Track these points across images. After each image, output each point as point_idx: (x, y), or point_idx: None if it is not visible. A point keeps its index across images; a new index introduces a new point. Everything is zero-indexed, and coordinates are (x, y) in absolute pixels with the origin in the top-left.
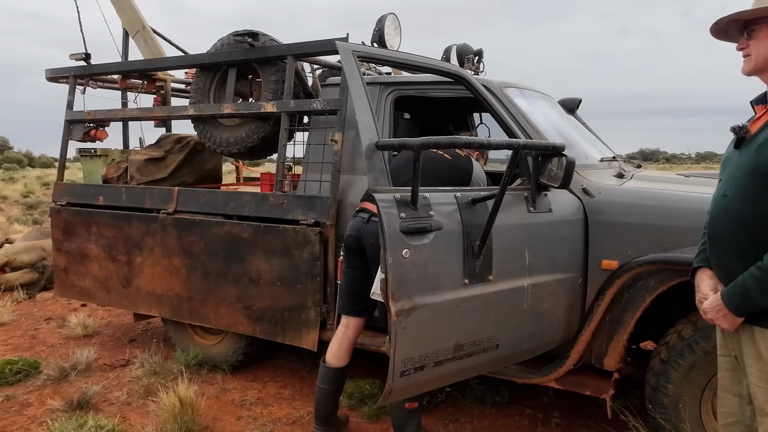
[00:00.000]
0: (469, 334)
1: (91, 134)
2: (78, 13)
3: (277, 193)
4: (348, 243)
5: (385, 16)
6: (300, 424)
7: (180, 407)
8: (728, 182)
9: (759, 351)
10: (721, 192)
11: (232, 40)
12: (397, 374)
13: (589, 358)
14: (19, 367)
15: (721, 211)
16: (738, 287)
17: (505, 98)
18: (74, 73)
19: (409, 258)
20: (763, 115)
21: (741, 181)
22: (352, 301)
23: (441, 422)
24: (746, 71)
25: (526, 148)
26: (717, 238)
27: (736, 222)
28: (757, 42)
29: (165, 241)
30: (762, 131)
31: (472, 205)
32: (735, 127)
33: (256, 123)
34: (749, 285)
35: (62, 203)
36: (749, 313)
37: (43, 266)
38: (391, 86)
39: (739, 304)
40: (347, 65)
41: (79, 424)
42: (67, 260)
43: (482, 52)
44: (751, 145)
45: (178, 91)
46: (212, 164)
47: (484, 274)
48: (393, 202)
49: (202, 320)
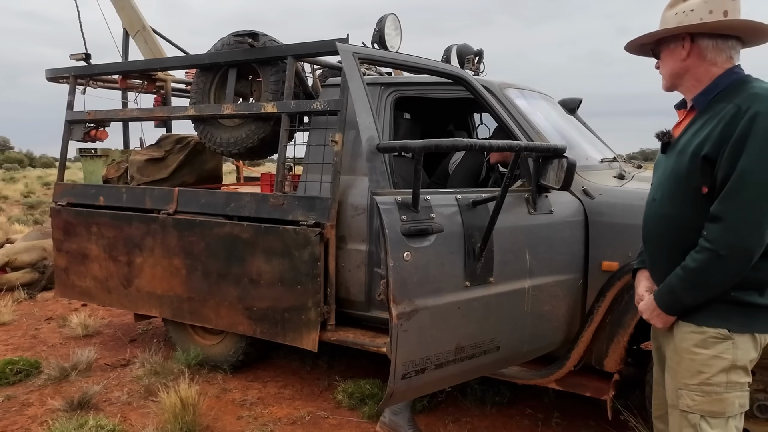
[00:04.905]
0: (470, 336)
1: (91, 134)
2: (78, 12)
3: (278, 193)
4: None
5: (386, 16)
6: (300, 424)
7: (181, 407)
8: (657, 186)
9: (675, 343)
10: (651, 196)
11: (232, 41)
12: (398, 377)
13: (589, 359)
14: (20, 366)
15: (651, 215)
16: (666, 287)
17: (505, 99)
18: (74, 73)
19: (410, 260)
20: (683, 119)
21: (666, 185)
22: None
23: (441, 422)
24: (663, 88)
25: (526, 150)
26: (649, 241)
27: (665, 225)
28: (664, 62)
29: (165, 242)
30: (682, 137)
31: (473, 207)
32: (659, 133)
33: (256, 123)
34: (675, 285)
35: (63, 203)
36: (678, 312)
37: (43, 266)
38: (392, 87)
39: (668, 303)
40: (348, 67)
41: (79, 424)
42: (68, 260)
43: (482, 53)
44: (674, 150)
45: (178, 91)
46: (212, 164)
47: (485, 276)
48: (394, 205)
49: (202, 321)
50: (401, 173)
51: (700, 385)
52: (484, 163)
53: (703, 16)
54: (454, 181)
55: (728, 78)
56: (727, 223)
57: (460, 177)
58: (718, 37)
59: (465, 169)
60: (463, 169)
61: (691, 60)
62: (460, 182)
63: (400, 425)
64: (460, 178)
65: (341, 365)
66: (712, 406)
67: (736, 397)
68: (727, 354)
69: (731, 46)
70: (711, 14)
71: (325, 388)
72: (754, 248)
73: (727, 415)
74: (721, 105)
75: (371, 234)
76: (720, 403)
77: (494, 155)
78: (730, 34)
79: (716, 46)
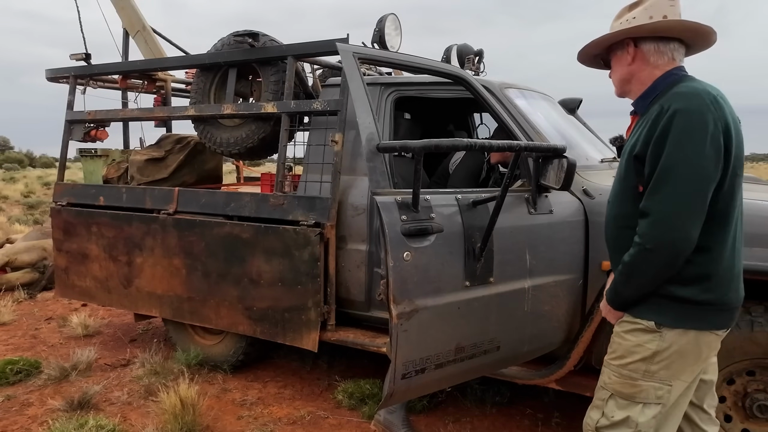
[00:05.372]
0: (470, 336)
1: (91, 134)
2: (78, 12)
3: (278, 193)
4: None
5: (386, 16)
6: (300, 424)
7: (181, 407)
8: (612, 189)
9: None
10: (608, 199)
11: (232, 41)
12: (398, 377)
13: (589, 359)
14: (20, 366)
15: (606, 217)
16: (611, 284)
17: (505, 99)
18: (74, 73)
19: (410, 260)
20: (631, 124)
21: (615, 187)
22: None
23: (441, 422)
24: (615, 95)
25: (527, 150)
26: (607, 242)
27: (614, 226)
28: (613, 70)
29: (165, 242)
30: (628, 141)
31: (473, 207)
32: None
33: (256, 123)
34: (617, 280)
35: (63, 203)
36: (621, 306)
37: (43, 266)
38: (392, 87)
39: (612, 298)
40: (348, 67)
41: (79, 424)
42: (68, 260)
43: (482, 53)
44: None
45: (178, 91)
46: (213, 164)
47: (485, 276)
48: (394, 205)
49: (202, 320)
50: (401, 173)
51: (618, 368)
52: (484, 163)
53: (644, 22)
54: (454, 180)
55: (665, 80)
56: (652, 218)
57: (460, 177)
58: (659, 40)
59: (465, 169)
60: (463, 169)
61: (635, 64)
62: (461, 182)
63: (395, 424)
64: (460, 178)
65: (341, 365)
66: (624, 388)
67: (653, 387)
68: (650, 345)
69: (673, 48)
70: (651, 19)
71: (325, 388)
72: (679, 242)
73: (637, 400)
74: (654, 107)
75: (371, 234)
76: (632, 387)
77: (494, 155)
78: (670, 36)
79: (658, 49)
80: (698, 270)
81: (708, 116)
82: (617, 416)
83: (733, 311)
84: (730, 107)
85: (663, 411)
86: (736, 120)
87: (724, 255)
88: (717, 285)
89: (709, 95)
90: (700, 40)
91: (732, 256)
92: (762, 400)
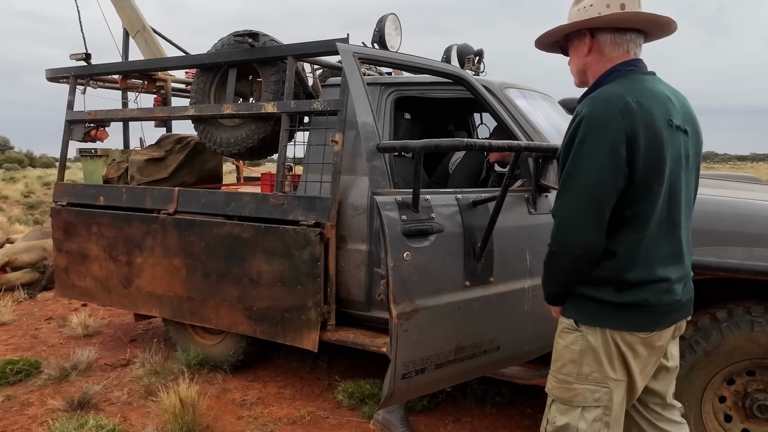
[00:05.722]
0: (470, 336)
1: (91, 134)
2: (78, 12)
3: (278, 193)
4: None
5: (386, 16)
6: (301, 424)
7: (181, 407)
8: None
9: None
10: None
11: (232, 41)
12: (398, 377)
13: None
14: (20, 366)
15: None
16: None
17: (505, 99)
18: (74, 73)
19: (410, 260)
20: None
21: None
22: None
23: (441, 422)
24: (575, 85)
25: (527, 150)
26: None
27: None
28: (571, 59)
29: (165, 242)
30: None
31: (473, 207)
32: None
33: (256, 123)
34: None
35: (63, 203)
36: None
37: (43, 266)
38: (392, 87)
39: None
40: (348, 67)
41: (79, 424)
42: (68, 260)
43: (483, 53)
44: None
45: (178, 91)
46: (213, 164)
47: (485, 276)
48: (394, 205)
49: (202, 320)
50: (401, 173)
51: (555, 372)
52: (484, 162)
53: (601, 11)
54: (454, 180)
55: (608, 76)
56: (556, 222)
57: (460, 177)
58: (615, 31)
59: (466, 169)
60: (464, 168)
61: (591, 56)
62: (461, 182)
63: (393, 423)
64: (460, 177)
65: (341, 365)
66: (561, 393)
67: (589, 390)
68: (575, 345)
69: (629, 39)
70: (608, 8)
71: (325, 388)
72: (578, 247)
73: (575, 404)
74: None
75: (371, 234)
76: (568, 391)
77: (493, 155)
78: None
79: (614, 40)
80: (608, 273)
81: (610, 124)
82: (558, 422)
83: (656, 314)
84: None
85: (609, 413)
86: (657, 127)
87: (637, 260)
88: (630, 288)
89: (620, 101)
90: (659, 30)
91: (649, 261)
92: (762, 400)
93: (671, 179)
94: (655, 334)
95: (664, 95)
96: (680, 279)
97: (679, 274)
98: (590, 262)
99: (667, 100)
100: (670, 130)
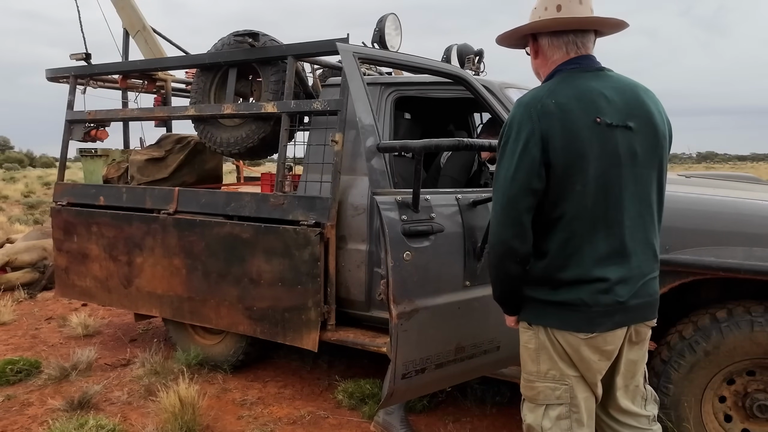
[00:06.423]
0: (470, 336)
1: (91, 134)
2: (78, 12)
3: (278, 193)
4: None
5: (386, 16)
6: (301, 423)
7: (181, 407)
8: None
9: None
10: None
11: (232, 41)
12: (398, 377)
13: None
14: (20, 366)
15: None
16: None
17: (505, 99)
18: (75, 73)
19: (410, 260)
20: None
21: None
22: None
23: (441, 422)
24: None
25: None
26: None
27: None
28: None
29: (165, 242)
30: None
31: (473, 207)
32: None
33: (256, 123)
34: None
35: (63, 203)
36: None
37: (43, 266)
38: (392, 87)
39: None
40: (348, 67)
41: (79, 424)
42: (68, 260)
43: (483, 53)
44: None
45: (178, 91)
46: (213, 164)
47: (485, 276)
48: (394, 205)
49: (202, 320)
50: (401, 173)
51: (522, 372)
52: (476, 155)
53: (541, 14)
54: (447, 172)
55: (550, 78)
56: (490, 223)
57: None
58: (552, 35)
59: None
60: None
61: (539, 59)
62: (453, 173)
63: (393, 425)
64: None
65: (341, 365)
66: (527, 392)
67: (549, 388)
68: (530, 344)
69: (568, 41)
70: (546, 11)
71: (325, 388)
72: (500, 247)
73: (539, 402)
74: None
75: (371, 234)
76: (532, 390)
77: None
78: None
79: (551, 44)
80: (542, 273)
81: (524, 127)
82: (527, 419)
83: (592, 314)
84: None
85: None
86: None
87: (569, 259)
88: (564, 287)
89: (537, 104)
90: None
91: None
92: (762, 400)
93: (604, 178)
94: (597, 336)
95: (595, 93)
96: (623, 280)
97: (620, 274)
98: (517, 262)
99: (599, 97)
100: (596, 128)
